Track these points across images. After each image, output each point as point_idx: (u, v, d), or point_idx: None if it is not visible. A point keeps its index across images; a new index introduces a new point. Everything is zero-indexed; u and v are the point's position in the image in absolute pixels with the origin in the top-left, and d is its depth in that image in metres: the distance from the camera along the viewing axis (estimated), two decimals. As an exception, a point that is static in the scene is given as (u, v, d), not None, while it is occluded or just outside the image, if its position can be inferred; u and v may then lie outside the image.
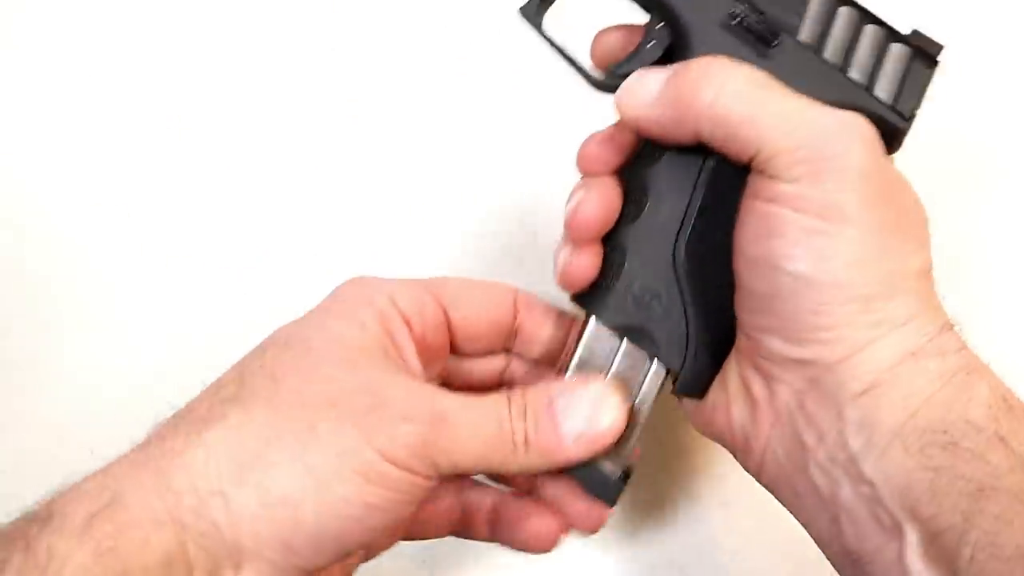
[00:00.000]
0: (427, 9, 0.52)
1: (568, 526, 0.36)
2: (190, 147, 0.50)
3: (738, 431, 0.35)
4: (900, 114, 0.35)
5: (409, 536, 0.38)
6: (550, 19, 0.37)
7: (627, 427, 0.35)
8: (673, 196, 0.36)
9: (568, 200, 0.36)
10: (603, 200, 0.36)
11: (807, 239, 0.32)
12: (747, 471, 0.36)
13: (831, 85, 0.34)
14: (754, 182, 0.33)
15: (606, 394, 0.34)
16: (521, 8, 0.37)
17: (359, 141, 0.51)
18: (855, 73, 0.35)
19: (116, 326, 0.49)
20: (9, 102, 0.51)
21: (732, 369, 0.36)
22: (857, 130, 0.33)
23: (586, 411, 0.33)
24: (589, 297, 0.37)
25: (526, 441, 0.32)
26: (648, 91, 0.34)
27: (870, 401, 0.31)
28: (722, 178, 0.35)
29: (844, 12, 0.35)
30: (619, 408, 0.34)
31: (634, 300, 0.36)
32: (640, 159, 0.37)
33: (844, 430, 0.32)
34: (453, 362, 0.38)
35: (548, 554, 0.37)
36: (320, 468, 0.29)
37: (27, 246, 0.49)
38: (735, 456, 0.36)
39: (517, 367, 0.39)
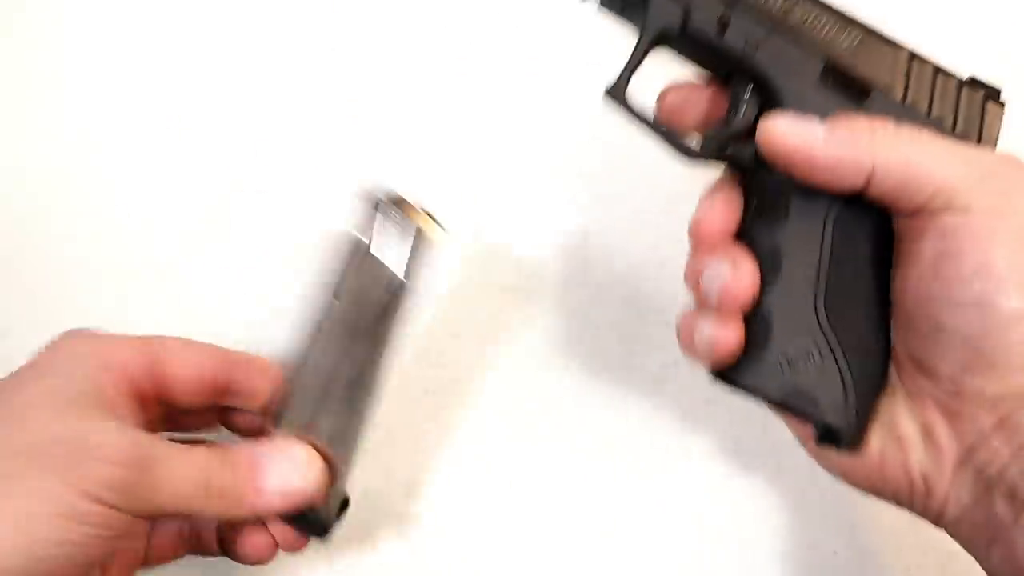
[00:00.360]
0: (427, 9, 0.52)
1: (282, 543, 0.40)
2: (189, 148, 0.50)
3: (918, 479, 0.35)
4: None
5: (148, 563, 0.40)
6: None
7: (338, 474, 0.39)
8: (805, 251, 0.35)
9: (696, 274, 0.37)
10: (747, 269, 0.36)
11: (1012, 271, 0.32)
12: (924, 517, 0.36)
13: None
14: (929, 224, 0.34)
15: (310, 459, 0.38)
16: (608, 91, 0.37)
17: (359, 141, 0.51)
18: (944, 121, 0.36)
19: (116, 326, 0.48)
20: (7, 102, 0.51)
21: (904, 417, 0.36)
22: (1014, 157, 0.34)
23: (287, 472, 0.37)
24: (738, 373, 0.36)
25: (226, 492, 0.36)
26: (815, 133, 0.34)
27: None
28: (849, 224, 0.36)
29: (921, 66, 0.37)
30: (319, 471, 0.38)
31: (789, 365, 0.35)
32: (760, 219, 0.36)
33: None
34: (178, 414, 0.40)
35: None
36: (22, 513, 0.31)
37: (27, 246, 0.49)
38: (908, 504, 0.36)
39: (243, 419, 0.42)
